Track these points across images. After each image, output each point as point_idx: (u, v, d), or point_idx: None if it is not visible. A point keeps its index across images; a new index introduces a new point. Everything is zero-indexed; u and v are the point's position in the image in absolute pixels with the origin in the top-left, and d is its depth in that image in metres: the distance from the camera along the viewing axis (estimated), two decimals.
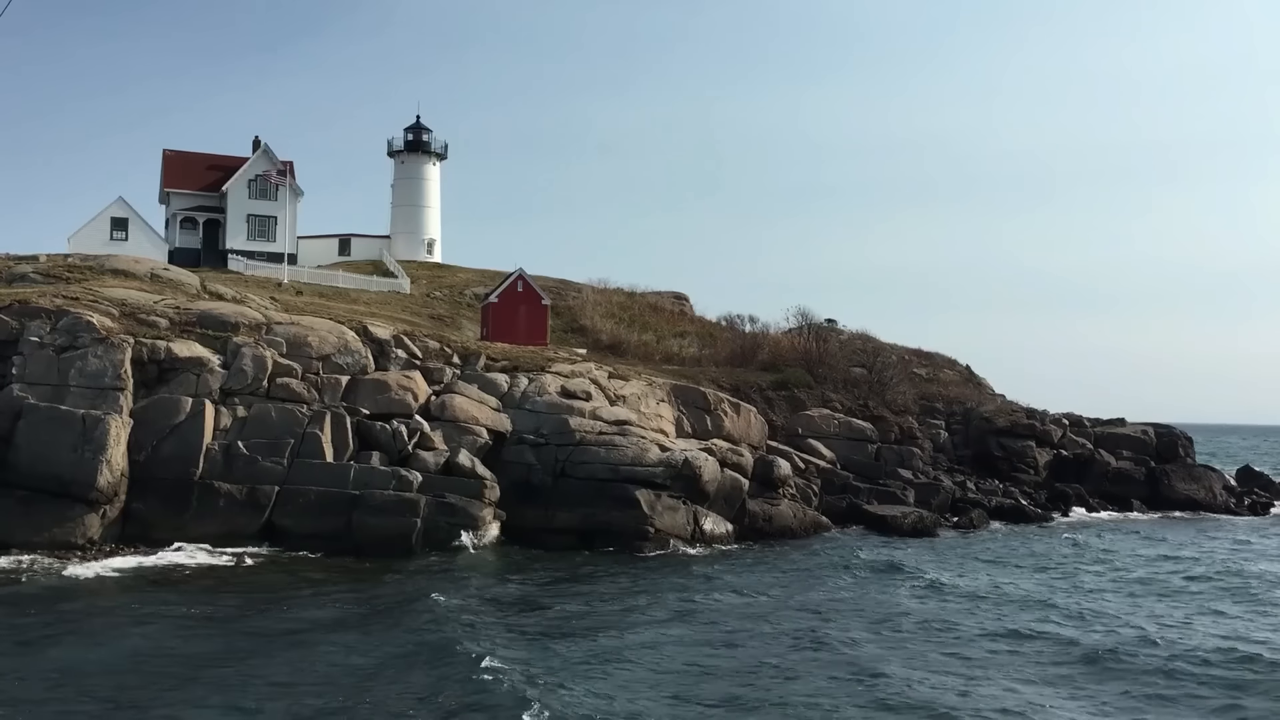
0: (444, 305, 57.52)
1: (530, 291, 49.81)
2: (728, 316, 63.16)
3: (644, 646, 18.94)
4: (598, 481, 31.63)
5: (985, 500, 42.72)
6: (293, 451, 29.91)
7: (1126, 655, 18.96)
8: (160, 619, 20.14)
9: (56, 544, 26.62)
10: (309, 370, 32.39)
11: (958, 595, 24.53)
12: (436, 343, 37.16)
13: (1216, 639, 20.43)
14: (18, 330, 30.30)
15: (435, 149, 71.83)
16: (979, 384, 60.26)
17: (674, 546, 30.64)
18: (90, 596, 22.36)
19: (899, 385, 50.40)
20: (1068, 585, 26.72)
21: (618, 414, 34.65)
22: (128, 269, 40.48)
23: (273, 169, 61.91)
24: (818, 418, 43.85)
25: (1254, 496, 51.50)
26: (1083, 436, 51.12)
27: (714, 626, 20.80)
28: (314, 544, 28.31)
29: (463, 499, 29.91)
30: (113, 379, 29.27)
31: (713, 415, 38.72)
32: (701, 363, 50.84)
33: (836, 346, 52.90)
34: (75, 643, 18.28)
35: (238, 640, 18.67)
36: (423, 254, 70.04)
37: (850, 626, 21.04)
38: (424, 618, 20.63)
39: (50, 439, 27.79)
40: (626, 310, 60.61)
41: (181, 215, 63.71)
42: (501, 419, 33.41)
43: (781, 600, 23.66)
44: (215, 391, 30.56)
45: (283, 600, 22.21)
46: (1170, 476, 48.79)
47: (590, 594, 23.87)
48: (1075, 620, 22.04)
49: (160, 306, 33.75)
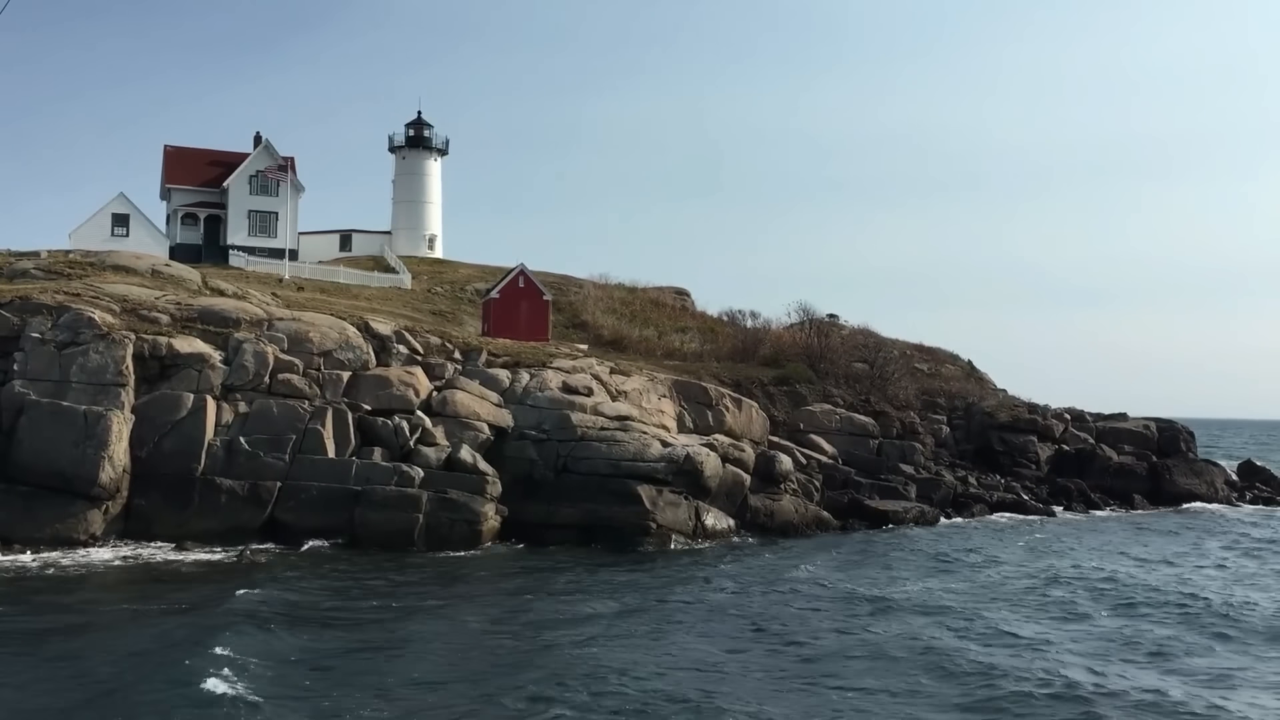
0: (445, 301, 57.53)
1: (532, 287, 49.83)
2: (729, 312, 63.25)
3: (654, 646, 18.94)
4: (599, 477, 31.62)
5: (987, 495, 42.74)
6: (294, 447, 29.92)
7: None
8: (161, 614, 20.13)
9: (59, 540, 26.67)
10: (310, 366, 32.39)
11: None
12: (438, 338, 37.16)
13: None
14: (19, 326, 30.31)
15: (436, 144, 71.79)
16: (980, 379, 60.31)
17: (675, 542, 30.63)
18: (92, 592, 22.39)
19: (901, 380, 50.41)
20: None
21: (619, 409, 34.65)
22: (129, 265, 40.49)
23: (274, 165, 61.94)
24: (819, 413, 43.84)
25: (1255, 491, 51.54)
26: (1084, 431, 51.14)
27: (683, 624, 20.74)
28: (316, 539, 28.34)
29: (464, 495, 29.92)
30: (114, 375, 29.27)
31: (714, 411, 38.72)
32: (703, 358, 50.84)
33: (838, 342, 52.88)
34: (77, 638, 18.28)
35: (237, 634, 18.65)
36: (424, 249, 70.02)
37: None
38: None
39: (52, 435, 27.81)
40: (628, 306, 60.61)
41: (183, 211, 63.72)
42: (503, 414, 33.41)
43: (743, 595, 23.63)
44: (217, 387, 30.57)
45: (283, 595, 22.20)
46: (1172, 471, 48.77)
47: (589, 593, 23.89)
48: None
49: (161, 302, 33.75)
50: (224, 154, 65.86)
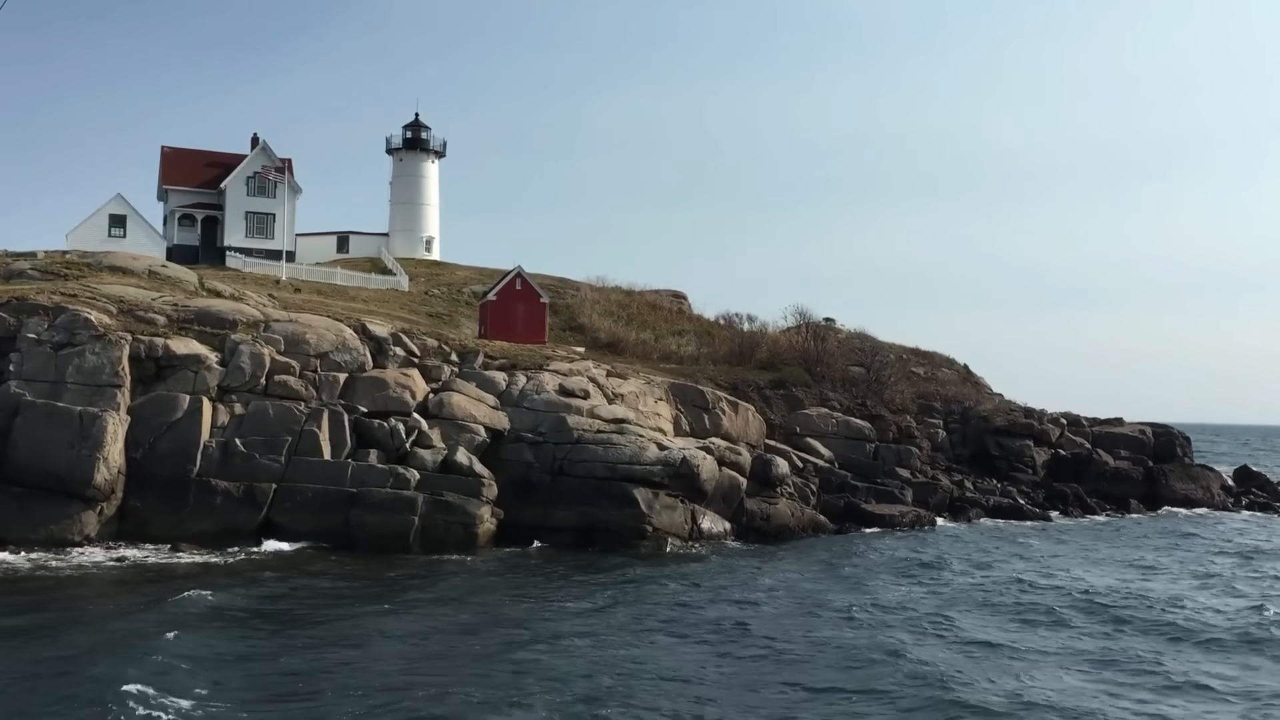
0: (442, 303, 57.49)
1: (529, 289, 49.80)
2: (726, 315, 63.19)
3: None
4: (595, 480, 31.62)
5: (983, 499, 42.76)
6: (290, 449, 29.90)
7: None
8: (155, 616, 20.08)
9: (54, 541, 26.65)
10: (307, 368, 32.37)
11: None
12: (434, 340, 37.16)
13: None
14: (15, 327, 30.28)
15: (434, 146, 71.75)
16: (977, 383, 60.33)
17: (671, 545, 30.61)
18: (86, 593, 22.36)
19: (897, 384, 50.42)
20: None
21: (616, 412, 34.65)
22: (126, 266, 40.46)
23: (271, 166, 61.86)
24: (816, 416, 43.84)
25: (1251, 496, 51.59)
26: (1080, 436, 51.14)
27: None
28: (312, 541, 28.33)
29: (460, 497, 29.91)
30: (110, 376, 29.25)
31: (711, 414, 38.73)
32: (700, 361, 50.82)
33: (835, 345, 52.87)
34: (70, 639, 18.24)
35: (236, 638, 18.64)
36: (421, 251, 69.97)
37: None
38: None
39: (47, 436, 27.79)
40: (625, 308, 60.56)
41: (180, 212, 63.62)
42: (499, 417, 33.40)
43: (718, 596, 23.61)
44: (213, 389, 30.55)
45: (278, 598, 22.18)
46: (1168, 476, 48.84)
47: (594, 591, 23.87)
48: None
49: (158, 304, 33.73)
50: (221, 155, 65.76)
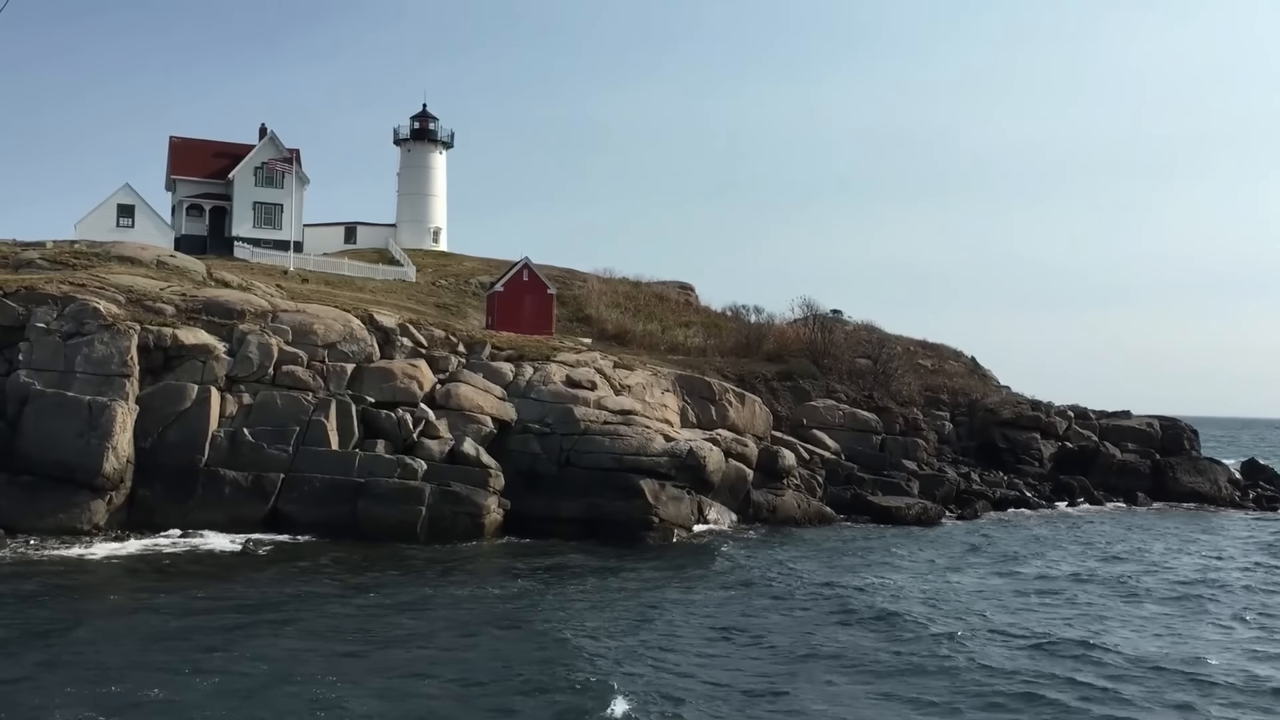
0: (449, 294, 57.57)
1: (536, 281, 49.82)
2: (733, 307, 63.18)
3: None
4: (602, 471, 31.63)
5: (990, 492, 42.74)
6: (298, 439, 29.98)
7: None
8: (164, 605, 20.19)
9: (62, 530, 26.73)
10: (314, 358, 32.44)
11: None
12: (442, 331, 37.19)
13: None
14: (24, 316, 30.37)
15: (442, 137, 71.77)
16: (984, 376, 60.25)
17: (678, 536, 30.62)
18: (95, 582, 22.43)
19: (904, 376, 50.38)
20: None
21: (622, 404, 34.66)
22: (134, 256, 40.55)
23: (279, 157, 61.97)
24: (822, 408, 43.83)
25: (1259, 490, 51.45)
26: (1088, 429, 51.09)
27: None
28: (319, 531, 28.40)
29: (467, 488, 29.94)
30: (119, 366, 29.34)
31: (717, 405, 38.73)
32: (706, 353, 50.82)
33: (842, 337, 52.83)
34: (80, 628, 18.32)
35: (239, 626, 18.71)
36: (428, 242, 70.07)
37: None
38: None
39: (56, 425, 27.88)
40: (632, 300, 60.59)
41: (188, 202, 63.77)
42: (506, 408, 33.43)
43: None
44: (221, 379, 30.62)
45: (287, 586, 22.25)
46: (1175, 469, 48.74)
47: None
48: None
49: (166, 294, 33.80)
50: (229, 146, 65.88)
